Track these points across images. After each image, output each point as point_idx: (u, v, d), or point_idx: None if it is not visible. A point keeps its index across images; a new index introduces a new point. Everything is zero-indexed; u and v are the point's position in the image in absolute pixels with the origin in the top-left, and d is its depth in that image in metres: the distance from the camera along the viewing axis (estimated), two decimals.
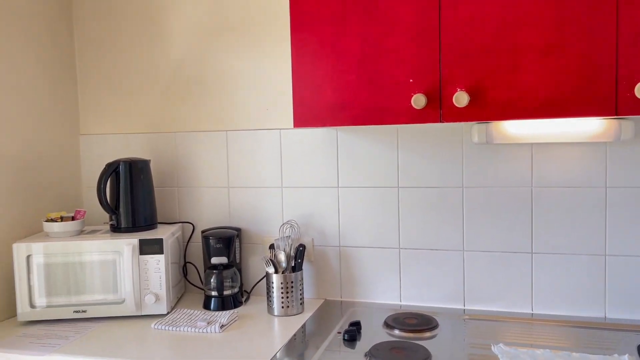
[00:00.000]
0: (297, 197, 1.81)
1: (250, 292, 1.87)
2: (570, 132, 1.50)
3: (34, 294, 1.61)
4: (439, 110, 1.34)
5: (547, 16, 1.25)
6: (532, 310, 1.63)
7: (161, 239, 1.66)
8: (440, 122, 1.35)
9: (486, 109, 1.31)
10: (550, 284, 1.60)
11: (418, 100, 1.33)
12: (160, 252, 1.65)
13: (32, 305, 1.61)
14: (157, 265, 1.65)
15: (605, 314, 1.58)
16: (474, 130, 1.58)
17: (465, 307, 1.68)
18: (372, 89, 1.39)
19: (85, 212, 1.74)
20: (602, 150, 1.54)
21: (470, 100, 1.31)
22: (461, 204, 1.66)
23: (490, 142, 1.56)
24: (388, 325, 1.53)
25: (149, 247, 1.65)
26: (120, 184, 1.75)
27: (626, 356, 1.27)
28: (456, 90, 1.32)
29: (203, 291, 1.88)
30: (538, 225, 1.60)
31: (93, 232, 1.76)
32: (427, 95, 1.35)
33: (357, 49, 1.39)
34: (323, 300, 1.79)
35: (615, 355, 1.28)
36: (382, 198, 1.73)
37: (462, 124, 1.63)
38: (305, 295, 1.83)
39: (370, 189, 1.74)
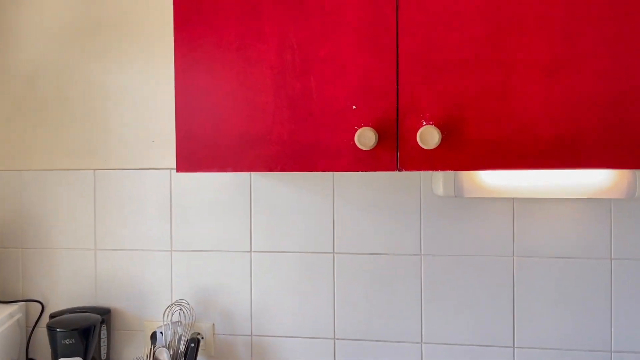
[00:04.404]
0: (192, 264, 1.30)
1: None
2: (567, 185, 1.10)
3: None
4: (396, 152, 0.89)
5: (555, 14, 0.84)
6: None
7: None
8: (398, 169, 0.89)
9: (464, 152, 0.87)
10: None
11: (364, 137, 0.88)
12: None
13: None
14: None
15: None
16: (437, 178, 1.15)
17: None
18: (297, 117, 0.92)
19: None
20: (605, 209, 1.15)
21: (442, 139, 0.87)
22: (419, 277, 1.21)
23: (460, 196, 1.13)
24: None
25: None
26: None
27: None
28: (421, 124, 0.88)
29: None
30: (522, 308, 1.18)
31: None
32: (378, 129, 0.89)
33: (275, 57, 0.92)
34: None
35: None
36: (312, 268, 1.25)
37: None
38: None
39: (296, 255, 1.26)
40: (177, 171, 0.95)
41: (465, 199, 1.19)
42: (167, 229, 1.30)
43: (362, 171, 0.92)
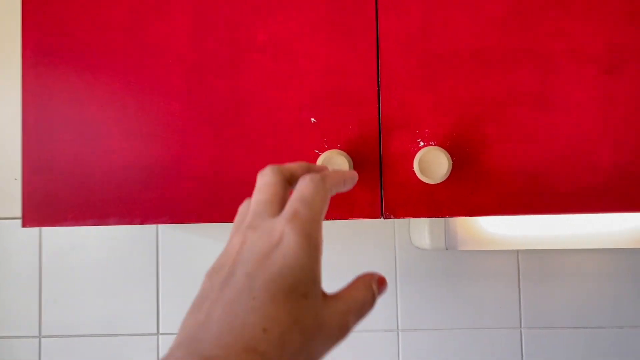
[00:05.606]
0: (71, 356, 0.90)
1: None
2: (590, 232, 0.82)
3: None
4: (379, 189, 0.57)
5: None
6: None
7: None
8: (383, 216, 0.57)
9: (486, 188, 0.57)
10: None
11: (333, 166, 0.55)
12: None
13: None
14: None
15: None
16: (419, 225, 0.84)
17: None
18: (223, 136, 0.58)
19: None
20: (634, 261, 0.88)
21: (452, 168, 0.56)
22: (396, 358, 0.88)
23: (453, 248, 0.82)
24: None
25: None
26: None
27: None
28: (417, 145, 0.57)
29: None
30: None
31: None
32: (352, 153, 0.57)
33: (187, 43, 0.58)
34: None
35: None
36: None
37: None
38: None
39: None
40: (22, 225, 0.58)
41: (459, 253, 0.88)
42: (35, 307, 0.90)
43: (325, 220, 0.59)
